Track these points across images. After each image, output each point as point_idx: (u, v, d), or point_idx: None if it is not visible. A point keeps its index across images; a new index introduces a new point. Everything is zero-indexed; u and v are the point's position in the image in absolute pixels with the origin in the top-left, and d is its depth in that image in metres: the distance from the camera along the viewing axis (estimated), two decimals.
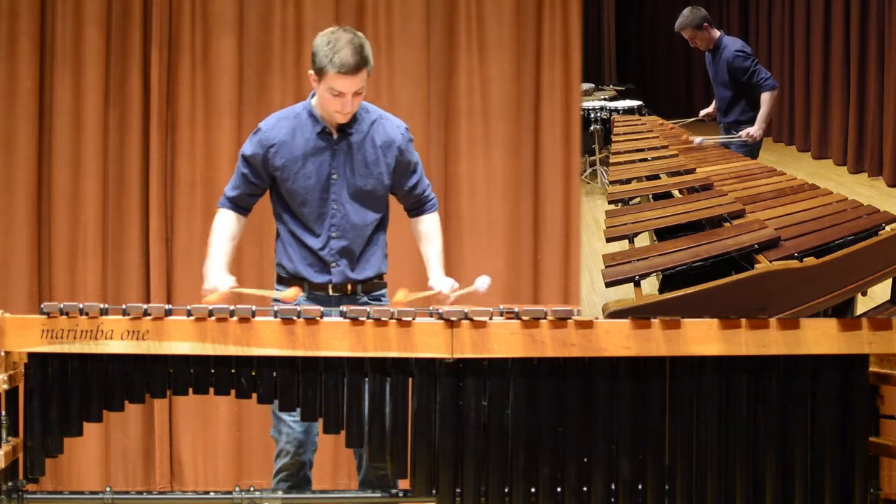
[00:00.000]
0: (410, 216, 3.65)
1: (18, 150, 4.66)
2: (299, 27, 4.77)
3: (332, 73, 3.30)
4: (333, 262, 3.46)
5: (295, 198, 3.46)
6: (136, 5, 4.69)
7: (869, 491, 3.13)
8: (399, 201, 3.63)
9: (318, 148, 3.45)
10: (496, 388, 3.06)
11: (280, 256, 3.53)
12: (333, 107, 3.36)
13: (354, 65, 3.29)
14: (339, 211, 3.45)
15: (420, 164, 3.61)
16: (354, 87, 3.32)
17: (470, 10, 4.81)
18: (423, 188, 3.61)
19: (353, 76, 3.30)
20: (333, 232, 3.46)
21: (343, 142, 3.45)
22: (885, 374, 3.15)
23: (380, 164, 3.48)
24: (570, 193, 4.81)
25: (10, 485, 3.06)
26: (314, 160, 3.44)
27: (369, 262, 3.51)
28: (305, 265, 3.47)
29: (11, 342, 3.00)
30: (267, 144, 3.46)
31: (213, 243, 3.51)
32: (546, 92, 4.83)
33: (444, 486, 3.07)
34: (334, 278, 3.46)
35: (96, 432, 4.60)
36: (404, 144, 3.52)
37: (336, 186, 3.45)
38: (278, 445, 3.47)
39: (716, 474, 3.09)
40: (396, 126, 3.53)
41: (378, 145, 3.47)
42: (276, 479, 3.49)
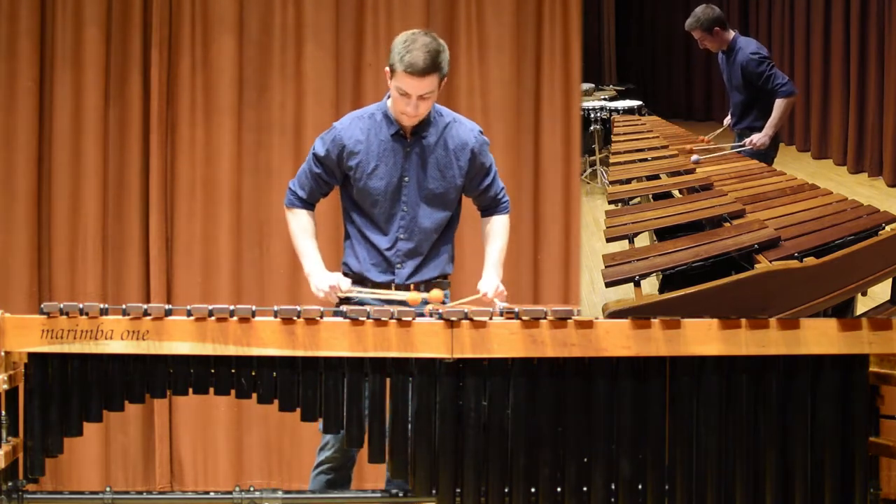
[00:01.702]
0: (482, 216, 3.66)
1: (18, 150, 4.66)
2: (299, 27, 4.77)
3: (400, 72, 3.30)
4: (399, 262, 3.47)
5: (366, 198, 3.46)
6: (136, 5, 4.69)
7: (869, 491, 3.13)
8: (473, 202, 3.64)
9: (392, 149, 3.45)
10: (496, 388, 3.06)
11: (347, 256, 3.54)
12: (399, 107, 3.37)
13: (423, 67, 3.28)
14: (408, 213, 3.46)
15: (494, 166, 3.60)
16: (421, 90, 3.31)
17: (470, 10, 4.81)
18: (497, 190, 3.61)
19: (421, 78, 3.29)
20: (402, 233, 3.46)
21: (416, 144, 3.45)
22: (885, 374, 3.15)
23: (452, 168, 3.48)
24: (570, 193, 4.81)
25: (10, 485, 3.06)
26: (387, 161, 3.44)
27: (434, 263, 3.52)
28: (370, 265, 3.48)
29: (11, 342, 3.00)
30: (341, 144, 3.46)
31: (305, 245, 3.51)
32: (546, 92, 4.83)
33: (444, 486, 3.07)
34: (398, 279, 3.47)
35: (96, 432, 4.60)
36: (478, 147, 3.52)
37: (408, 189, 3.45)
38: (325, 437, 3.45)
39: (716, 474, 3.09)
40: (470, 129, 3.53)
41: (451, 149, 3.47)
42: (316, 471, 3.47)
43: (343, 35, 4.81)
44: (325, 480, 3.48)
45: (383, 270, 3.48)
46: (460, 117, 3.57)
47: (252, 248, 4.73)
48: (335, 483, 3.48)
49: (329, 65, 4.74)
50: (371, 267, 3.47)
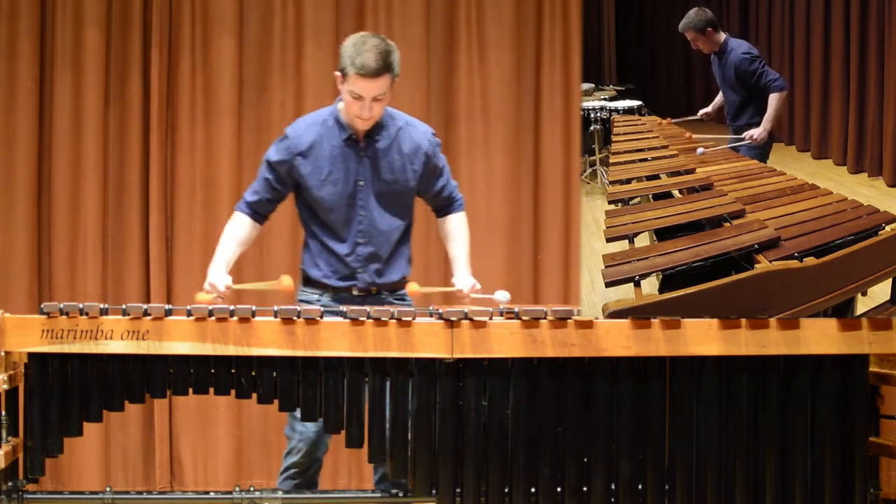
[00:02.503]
0: (438, 216, 3.66)
1: (18, 150, 4.66)
2: (299, 27, 4.77)
3: (352, 75, 3.30)
4: (360, 267, 3.46)
5: (322, 205, 3.45)
6: (136, 5, 4.69)
7: (869, 491, 3.14)
8: (427, 203, 3.64)
9: (345, 155, 3.44)
10: (496, 388, 3.06)
11: (307, 265, 3.53)
12: (353, 111, 3.36)
13: (375, 68, 3.28)
14: (366, 217, 3.45)
15: (447, 167, 3.61)
16: (374, 92, 3.31)
17: (470, 10, 4.81)
18: (451, 190, 3.62)
19: (374, 79, 3.29)
20: (360, 238, 3.46)
21: (369, 148, 3.45)
22: (885, 374, 3.15)
23: (406, 171, 3.48)
24: (570, 193, 4.81)
25: (10, 485, 3.06)
26: (341, 167, 3.44)
27: (395, 267, 3.52)
28: (331, 272, 3.47)
29: (11, 342, 3.00)
30: (295, 152, 3.45)
31: (221, 245, 3.51)
32: (546, 92, 4.83)
33: (444, 486, 3.07)
34: (359, 284, 3.47)
35: (96, 432, 4.60)
36: (431, 150, 3.52)
37: (363, 193, 3.45)
38: (290, 443, 3.48)
39: (716, 474, 3.09)
40: (423, 132, 3.53)
41: (405, 152, 3.47)
42: (282, 476, 3.49)
43: (343, 35, 4.74)
44: (292, 485, 3.48)
45: (342, 277, 3.47)
46: (413, 120, 3.56)
47: (252, 248, 4.73)
48: (301, 487, 3.48)
49: (329, 65, 4.73)
50: (331, 274, 3.47)
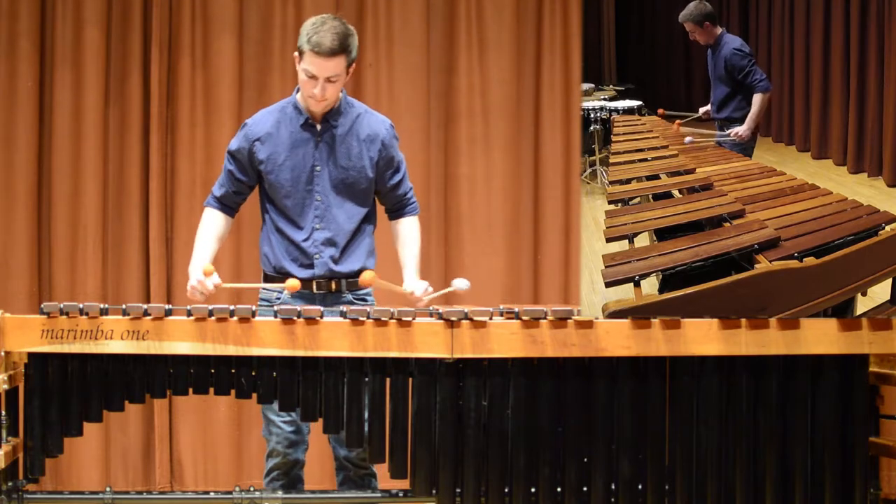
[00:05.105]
0: (391, 218, 3.63)
1: (18, 150, 4.66)
2: (299, 27, 4.72)
3: (307, 52, 3.32)
4: (317, 252, 3.44)
5: (279, 190, 3.45)
6: (136, 5, 4.70)
7: (869, 491, 3.13)
8: (380, 202, 3.61)
9: (302, 139, 3.45)
10: (496, 388, 3.06)
11: (264, 247, 3.52)
12: (307, 90, 3.37)
13: (330, 48, 3.29)
14: (322, 202, 3.45)
15: (404, 165, 3.59)
16: (328, 72, 3.32)
17: (470, 10, 4.81)
18: (406, 189, 3.60)
19: (328, 59, 3.30)
20: (317, 223, 3.45)
21: (326, 133, 3.46)
22: (885, 374, 3.15)
23: (363, 158, 3.47)
24: (570, 193, 4.81)
25: (10, 485, 3.06)
26: (297, 152, 3.45)
27: (354, 255, 3.48)
28: (289, 259, 3.45)
29: (11, 342, 3.00)
30: (253, 138, 3.46)
31: (199, 243, 3.51)
32: (546, 92, 4.83)
33: (444, 486, 3.07)
34: (317, 271, 3.44)
35: (96, 432, 4.61)
36: (388, 140, 3.52)
37: (319, 178, 3.45)
38: (269, 445, 3.49)
39: (716, 474, 3.09)
40: (381, 121, 3.54)
41: (362, 139, 3.47)
42: (267, 479, 3.49)
43: None
44: (277, 486, 3.48)
45: (302, 265, 3.44)
46: (372, 110, 3.57)
47: (252, 248, 4.73)
48: (287, 487, 3.48)
49: None
50: (290, 262, 3.45)
